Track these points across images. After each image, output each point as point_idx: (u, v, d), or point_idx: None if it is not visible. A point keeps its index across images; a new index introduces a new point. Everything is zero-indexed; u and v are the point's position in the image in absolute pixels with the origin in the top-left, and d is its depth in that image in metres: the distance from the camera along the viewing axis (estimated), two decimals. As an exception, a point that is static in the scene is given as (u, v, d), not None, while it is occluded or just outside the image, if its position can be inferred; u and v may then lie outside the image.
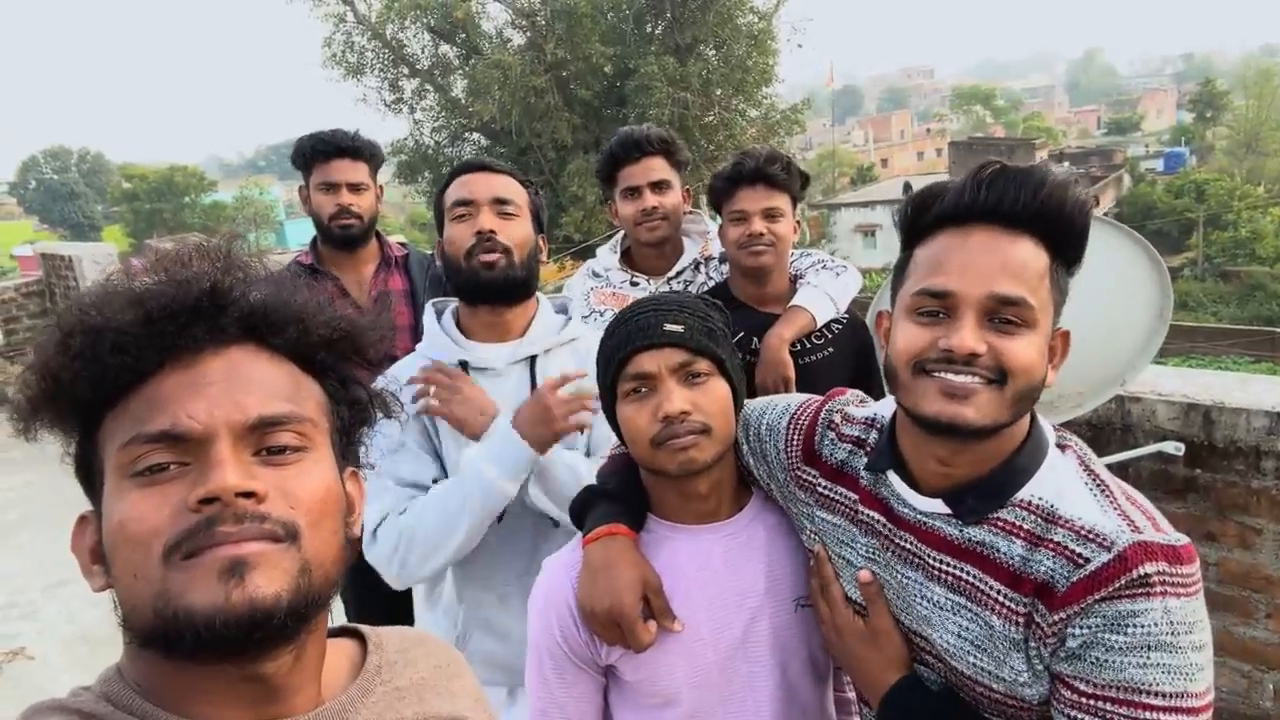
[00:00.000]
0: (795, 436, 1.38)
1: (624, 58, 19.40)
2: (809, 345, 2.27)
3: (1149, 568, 1.01)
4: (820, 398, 1.42)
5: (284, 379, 0.82)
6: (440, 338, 1.91)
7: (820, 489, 1.34)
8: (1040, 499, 1.09)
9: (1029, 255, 1.06)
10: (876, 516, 1.24)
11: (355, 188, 2.77)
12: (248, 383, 0.78)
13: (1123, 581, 1.01)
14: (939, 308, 1.08)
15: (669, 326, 1.33)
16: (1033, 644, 1.08)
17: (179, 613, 0.70)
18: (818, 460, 1.35)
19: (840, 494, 1.31)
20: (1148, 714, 0.99)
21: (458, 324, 1.95)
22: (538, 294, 1.99)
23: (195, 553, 0.71)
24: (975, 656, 1.13)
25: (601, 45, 18.85)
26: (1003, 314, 1.05)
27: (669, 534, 1.42)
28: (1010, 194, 1.06)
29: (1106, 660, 1.01)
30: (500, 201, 1.86)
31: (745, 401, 1.48)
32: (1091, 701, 1.02)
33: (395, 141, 21.59)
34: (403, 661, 0.95)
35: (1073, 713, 1.04)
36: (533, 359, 1.90)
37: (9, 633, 4.40)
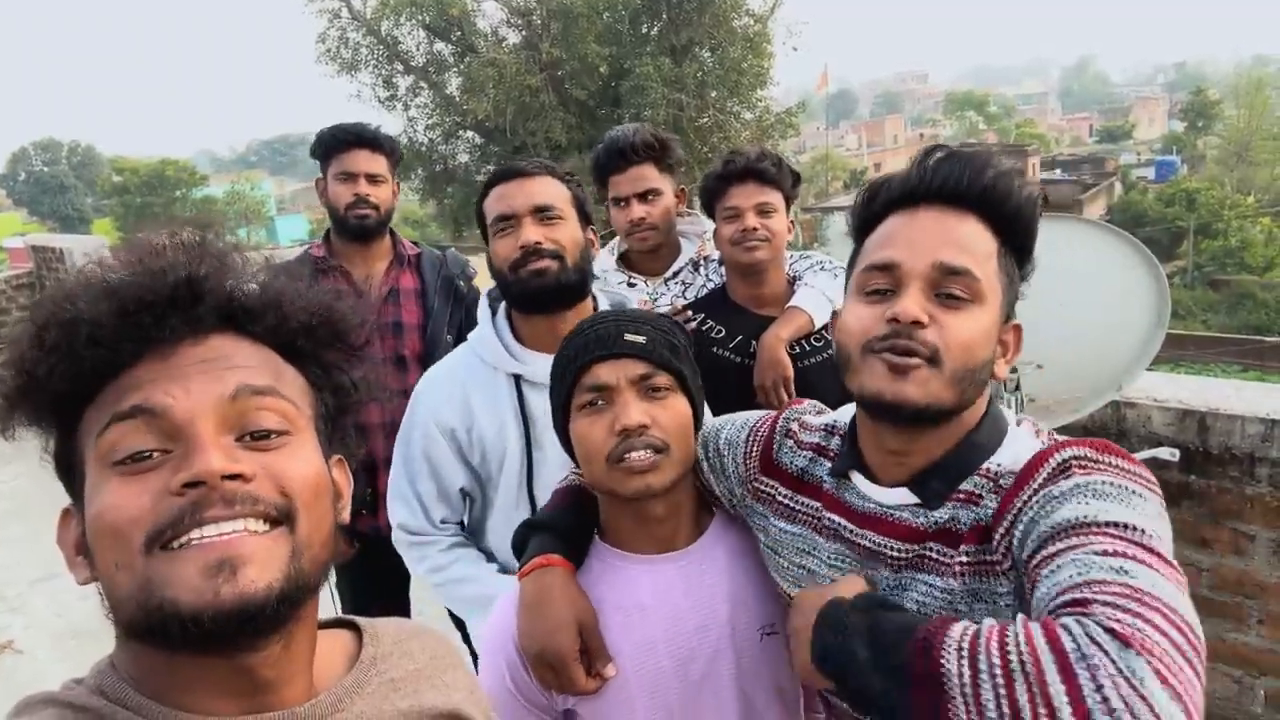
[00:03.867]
0: (754, 448, 1.33)
1: (619, 58, 19.37)
2: (808, 348, 2.24)
3: (1067, 453, 1.00)
4: (778, 411, 1.38)
5: (265, 361, 0.81)
6: (494, 342, 1.85)
7: (780, 498, 1.30)
8: (999, 465, 1.08)
9: (975, 233, 1.08)
10: (839, 520, 1.20)
11: (373, 179, 2.73)
12: (227, 361, 0.77)
13: (1044, 473, 0.99)
14: (886, 283, 1.08)
15: (630, 336, 1.27)
16: (997, 584, 1.03)
17: (163, 604, 0.69)
18: (777, 470, 1.31)
19: (802, 503, 1.27)
20: (1091, 538, 0.88)
21: (511, 327, 1.88)
22: (594, 293, 1.92)
23: (180, 538, 0.70)
24: None
25: (597, 45, 18.81)
26: (948, 287, 1.05)
27: (625, 565, 1.35)
28: (956, 174, 1.08)
29: (1044, 527, 0.93)
30: (541, 210, 1.78)
31: (706, 418, 1.42)
32: (1038, 563, 0.91)
33: (389, 138, 21.51)
34: (398, 653, 0.94)
35: (1036, 591, 0.90)
36: None
37: (-4, 626, 4.37)
